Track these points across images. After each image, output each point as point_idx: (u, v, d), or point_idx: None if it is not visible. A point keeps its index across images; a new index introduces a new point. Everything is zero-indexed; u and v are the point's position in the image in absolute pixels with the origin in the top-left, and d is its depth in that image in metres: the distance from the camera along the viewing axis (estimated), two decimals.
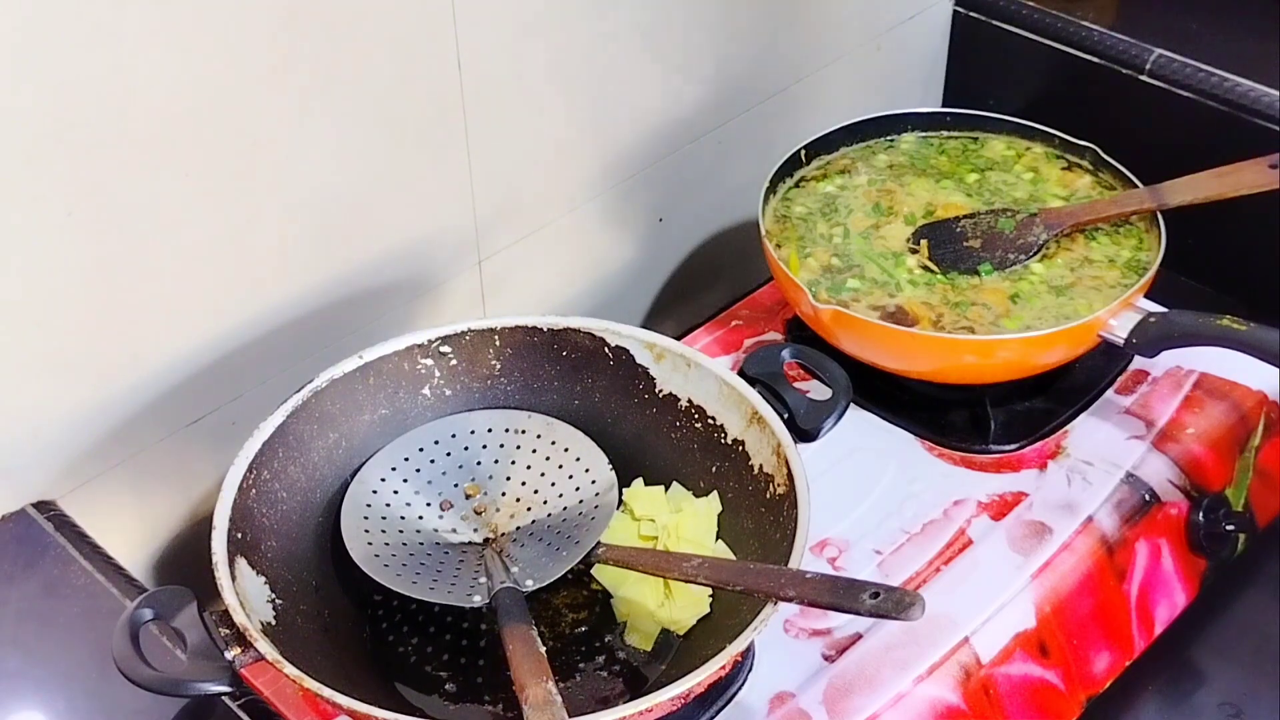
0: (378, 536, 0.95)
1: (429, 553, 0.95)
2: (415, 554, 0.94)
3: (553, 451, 1.00)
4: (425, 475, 0.99)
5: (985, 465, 1.11)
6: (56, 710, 0.86)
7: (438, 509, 0.98)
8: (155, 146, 0.89)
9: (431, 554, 0.95)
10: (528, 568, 0.93)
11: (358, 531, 0.95)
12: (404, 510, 0.97)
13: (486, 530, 0.97)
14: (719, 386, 0.98)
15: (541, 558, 0.94)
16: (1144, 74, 1.33)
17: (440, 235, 1.11)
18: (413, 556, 0.94)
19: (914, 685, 0.95)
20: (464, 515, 0.98)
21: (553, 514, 0.97)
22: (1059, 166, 1.26)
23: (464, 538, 0.97)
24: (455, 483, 1.00)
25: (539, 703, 0.80)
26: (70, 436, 0.95)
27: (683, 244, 1.34)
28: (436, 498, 0.98)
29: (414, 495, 0.98)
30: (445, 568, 0.94)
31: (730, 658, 0.81)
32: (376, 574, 0.92)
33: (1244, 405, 1.16)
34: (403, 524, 0.96)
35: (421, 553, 0.95)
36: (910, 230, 1.20)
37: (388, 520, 0.96)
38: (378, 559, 0.93)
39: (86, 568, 0.92)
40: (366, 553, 0.93)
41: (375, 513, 0.96)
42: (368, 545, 0.94)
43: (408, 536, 0.96)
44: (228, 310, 1.00)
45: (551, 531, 0.96)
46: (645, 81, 1.21)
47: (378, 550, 0.94)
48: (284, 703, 0.91)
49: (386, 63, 0.99)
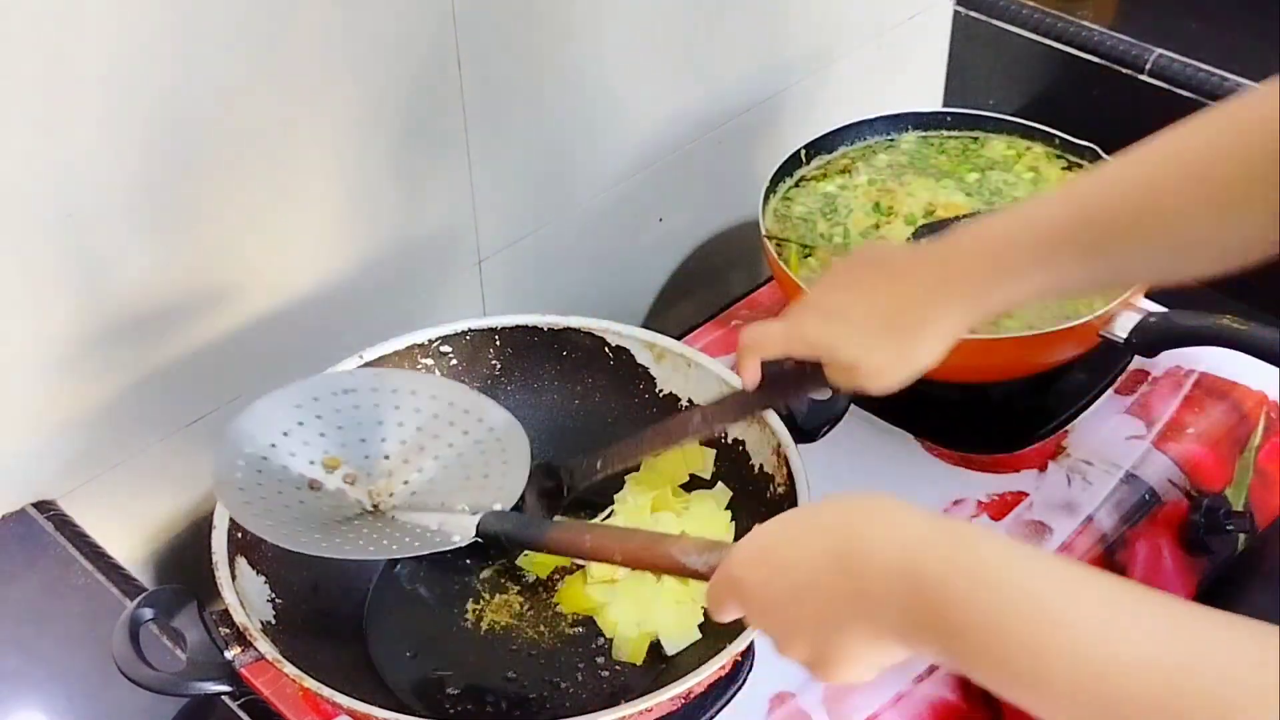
0: (268, 502, 0.87)
1: (312, 513, 0.89)
2: (313, 518, 0.88)
3: (430, 405, 0.94)
4: (295, 440, 0.91)
5: (985, 465, 1.11)
6: (56, 710, 0.86)
7: (320, 468, 0.91)
8: (152, 146, 0.89)
9: (315, 514, 0.89)
10: (455, 502, 0.89)
11: (238, 497, 0.87)
12: (281, 479, 0.90)
13: (370, 498, 0.91)
14: (719, 386, 0.98)
15: (460, 492, 0.90)
16: (1144, 74, 1.33)
17: (440, 235, 1.11)
18: (314, 521, 0.88)
19: (914, 685, 0.95)
20: (341, 483, 0.92)
21: (448, 465, 0.92)
22: (1059, 166, 1.26)
23: (352, 508, 0.90)
24: (323, 451, 0.92)
25: (700, 546, 0.74)
26: (70, 436, 0.95)
27: (683, 244, 1.34)
28: (309, 467, 0.91)
29: (291, 452, 0.91)
30: (354, 531, 0.88)
31: (730, 658, 0.81)
32: (284, 541, 0.85)
33: (1244, 405, 1.16)
34: (288, 494, 0.89)
35: (315, 515, 0.89)
36: (910, 230, 1.20)
37: (266, 486, 0.88)
38: (274, 524, 0.86)
39: (86, 568, 0.92)
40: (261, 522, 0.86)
41: (251, 477, 0.88)
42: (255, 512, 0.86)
43: (294, 502, 0.89)
44: (228, 310, 1.00)
45: (457, 475, 0.91)
46: (645, 81, 1.21)
47: (272, 516, 0.87)
48: (284, 702, 0.91)
49: (387, 62, 0.99)
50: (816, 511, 0.68)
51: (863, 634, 0.63)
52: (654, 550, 0.75)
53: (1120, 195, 0.82)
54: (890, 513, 0.64)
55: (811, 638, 0.65)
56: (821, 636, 0.65)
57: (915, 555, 0.61)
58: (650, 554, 0.76)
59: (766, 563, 0.67)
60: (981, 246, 0.85)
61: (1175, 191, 0.80)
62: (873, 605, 0.62)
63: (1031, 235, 0.83)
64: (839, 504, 0.67)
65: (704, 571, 0.72)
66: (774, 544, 0.68)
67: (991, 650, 0.59)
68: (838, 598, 0.64)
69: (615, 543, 0.79)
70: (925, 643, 0.62)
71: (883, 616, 0.62)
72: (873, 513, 0.65)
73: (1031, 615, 0.58)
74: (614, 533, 0.83)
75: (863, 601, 0.63)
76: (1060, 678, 0.57)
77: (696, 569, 0.72)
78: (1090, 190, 0.85)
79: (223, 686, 0.81)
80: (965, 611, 0.59)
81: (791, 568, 0.66)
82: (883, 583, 0.62)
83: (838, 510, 0.66)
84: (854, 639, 0.64)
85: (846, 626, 0.64)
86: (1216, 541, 1.11)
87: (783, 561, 0.66)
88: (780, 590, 0.66)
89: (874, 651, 0.64)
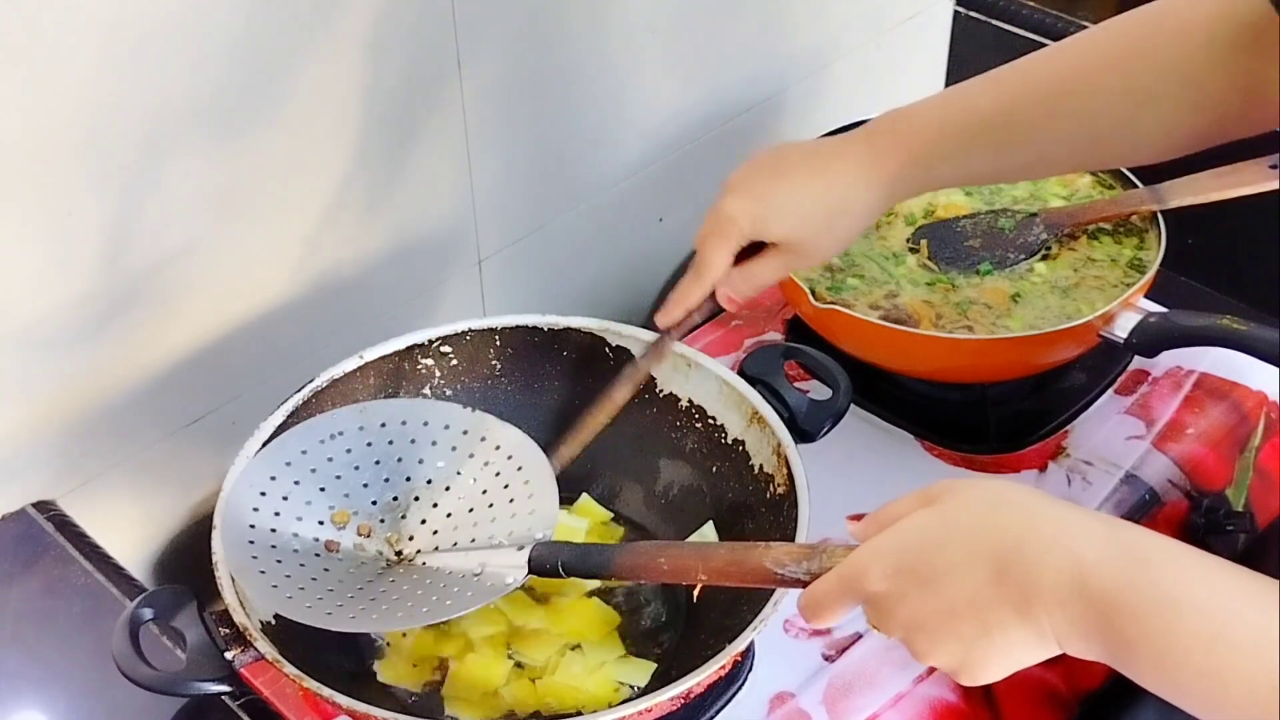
0: (295, 579, 0.82)
1: (340, 579, 0.83)
2: (346, 585, 0.83)
3: (425, 433, 0.90)
4: (296, 502, 0.86)
5: (985, 465, 1.11)
6: (56, 710, 0.86)
7: (331, 527, 0.86)
8: (154, 147, 0.89)
9: (344, 579, 0.83)
10: (488, 536, 0.85)
11: (253, 570, 0.82)
12: (291, 533, 0.85)
13: (390, 547, 0.87)
14: (719, 386, 0.98)
15: (490, 525, 0.85)
16: None
17: (440, 235, 1.11)
18: (340, 584, 0.83)
19: (914, 685, 0.95)
20: (356, 536, 0.86)
21: (465, 496, 0.87)
22: None
23: (376, 562, 0.85)
24: (328, 507, 0.87)
25: (798, 554, 0.70)
26: (70, 436, 0.95)
27: (683, 244, 1.34)
28: (320, 528, 0.86)
29: (298, 516, 0.86)
30: (362, 588, 0.83)
31: (730, 658, 0.81)
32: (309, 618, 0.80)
33: (1244, 405, 1.16)
34: (310, 564, 0.84)
35: (344, 580, 0.83)
36: (910, 230, 1.20)
37: (287, 561, 0.83)
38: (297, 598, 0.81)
39: (86, 568, 0.92)
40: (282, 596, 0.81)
41: (266, 555, 0.83)
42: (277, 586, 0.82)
43: (319, 571, 0.84)
44: (228, 310, 1.00)
45: (480, 506, 0.87)
46: (645, 81, 1.21)
47: (293, 586, 0.82)
48: (284, 702, 0.91)
49: (387, 62, 0.99)
50: (957, 513, 0.65)
51: (1023, 641, 0.62)
52: (744, 565, 0.72)
53: (1040, 84, 0.88)
54: (1052, 519, 0.62)
55: (967, 647, 0.64)
56: (979, 645, 0.63)
57: (1088, 569, 0.60)
58: (740, 569, 0.72)
59: (913, 573, 0.64)
60: (906, 130, 0.91)
61: (1092, 82, 0.86)
62: (1041, 614, 0.61)
63: (953, 123, 0.90)
64: (981, 502, 0.65)
65: (805, 580, 0.69)
66: (919, 550, 0.65)
67: (1165, 667, 0.60)
68: (1002, 606, 0.62)
69: (697, 560, 0.75)
70: (1092, 651, 0.62)
71: (1050, 625, 0.61)
72: (1033, 516, 0.63)
73: (1209, 637, 0.58)
74: (691, 550, 0.78)
75: (1030, 610, 0.61)
76: (1235, 701, 0.58)
77: (798, 578, 0.69)
78: (1011, 79, 0.90)
79: (222, 686, 0.81)
80: (1140, 627, 0.59)
81: (943, 578, 0.63)
82: (1053, 594, 0.60)
83: (985, 510, 0.64)
84: (1013, 644, 0.63)
85: (1009, 634, 0.62)
86: (1216, 541, 1.11)
87: (931, 572, 0.64)
88: (932, 602, 0.64)
89: (1030, 655, 0.63)
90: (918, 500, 0.67)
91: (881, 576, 0.65)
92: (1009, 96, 0.88)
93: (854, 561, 0.67)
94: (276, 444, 0.88)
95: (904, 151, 0.90)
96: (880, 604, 0.66)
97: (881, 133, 0.92)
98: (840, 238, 0.93)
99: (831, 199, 0.91)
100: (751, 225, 0.92)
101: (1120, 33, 0.86)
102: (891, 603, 0.65)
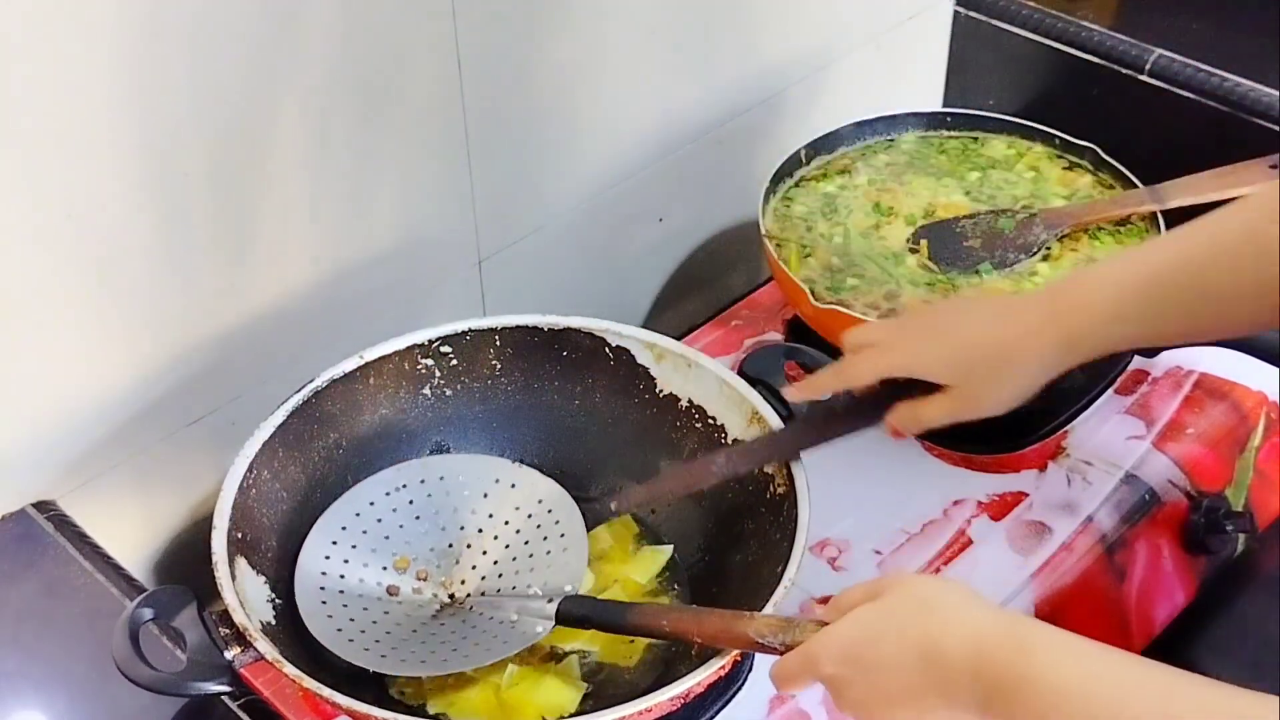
0: (359, 623, 0.89)
1: (399, 621, 0.90)
2: (402, 626, 0.90)
3: (478, 484, 0.97)
4: (364, 551, 0.94)
5: (985, 465, 1.11)
6: (56, 710, 0.86)
7: (393, 572, 0.93)
8: (154, 146, 0.89)
9: (402, 622, 0.90)
10: (524, 585, 0.92)
11: (326, 623, 0.89)
12: (359, 580, 0.92)
13: (444, 590, 0.93)
14: (719, 386, 0.98)
15: (526, 574, 0.92)
16: (1144, 74, 1.33)
17: (440, 235, 1.11)
18: (399, 627, 0.90)
19: None
20: (415, 580, 0.94)
21: (510, 544, 0.95)
22: (1060, 166, 1.26)
23: (430, 605, 0.92)
24: (391, 554, 0.94)
25: (775, 627, 0.79)
26: (70, 436, 0.95)
27: (683, 244, 1.34)
28: (383, 574, 0.93)
29: (364, 563, 0.93)
30: (424, 632, 0.90)
31: (730, 658, 0.81)
32: (378, 665, 0.87)
33: (1244, 405, 1.16)
34: (373, 608, 0.91)
35: (401, 623, 0.90)
36: (910, 230, 1.20)
37: (353, 606, 0.91)
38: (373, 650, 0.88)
39: (86, 568, 0.92)
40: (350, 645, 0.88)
41: (335, 600, 0.91)
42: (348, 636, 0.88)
43: (380, 615, 0.91)
44: (228, 310, 1.00)
45: (521, 555, 0.94)
46: (645, 81, 1.21)
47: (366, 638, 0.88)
48: (284, 703, 0.91)
49: (387, 62, 0.99)
50: (893, 609, 0.74)
51: (945, 716, 0.72)
52: (731, 630, 0.81)
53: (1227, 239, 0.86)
54: (966, 620, 0.72)
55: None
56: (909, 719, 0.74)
57: (983, 652, 0.70)
58: (728, 634, 0.81)
59: (857, 661, 0.74)
60: (1090, 289, 0.89)
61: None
62: (954, 691, 0.71)
63: (1138, 283, 0.87)
64: (914, 600, 0.74)
65: (781, 650, 0.78)
66: (860, 643, 0.74)
67: None
68: (925, 689, 0.71)
69: (693, 624, 0.84)
70: None
71: (962, 701, 0.71)
72: (954, 612, 0.72)
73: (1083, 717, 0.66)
74: (691, 614, 0.87)
75: (946, 689, 0.71)
76: None
77: (774, 647, 0.79)
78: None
79: (223, 687, 0.81)
80: (1025, 706, 0.68)
81: (879, 668, 0.73)
82: (959, 674, 0.70)
83: (916, 609, 0.73)
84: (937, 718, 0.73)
85: (938, 715, 0.72)
86: (1216, 542, 1.11)
87: (871, 662, 0.73)
88: (872, 687, 0.73)
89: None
90: (865, 592, 0.76)
91: (830, 662, 0.75)
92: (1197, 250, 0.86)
93: (810, 646, 0.76)
94: (348, 496, 0.96)
95: (1088, 311, 0.88)
96: (832, 685, 0.76)
97: (1064, 292, 0.90)
98: (1012, 392, 0.90)
99: (1007, 351, 0.89)
100: (913, 360, 0.91)
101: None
102: (841, 686, 0.75)
